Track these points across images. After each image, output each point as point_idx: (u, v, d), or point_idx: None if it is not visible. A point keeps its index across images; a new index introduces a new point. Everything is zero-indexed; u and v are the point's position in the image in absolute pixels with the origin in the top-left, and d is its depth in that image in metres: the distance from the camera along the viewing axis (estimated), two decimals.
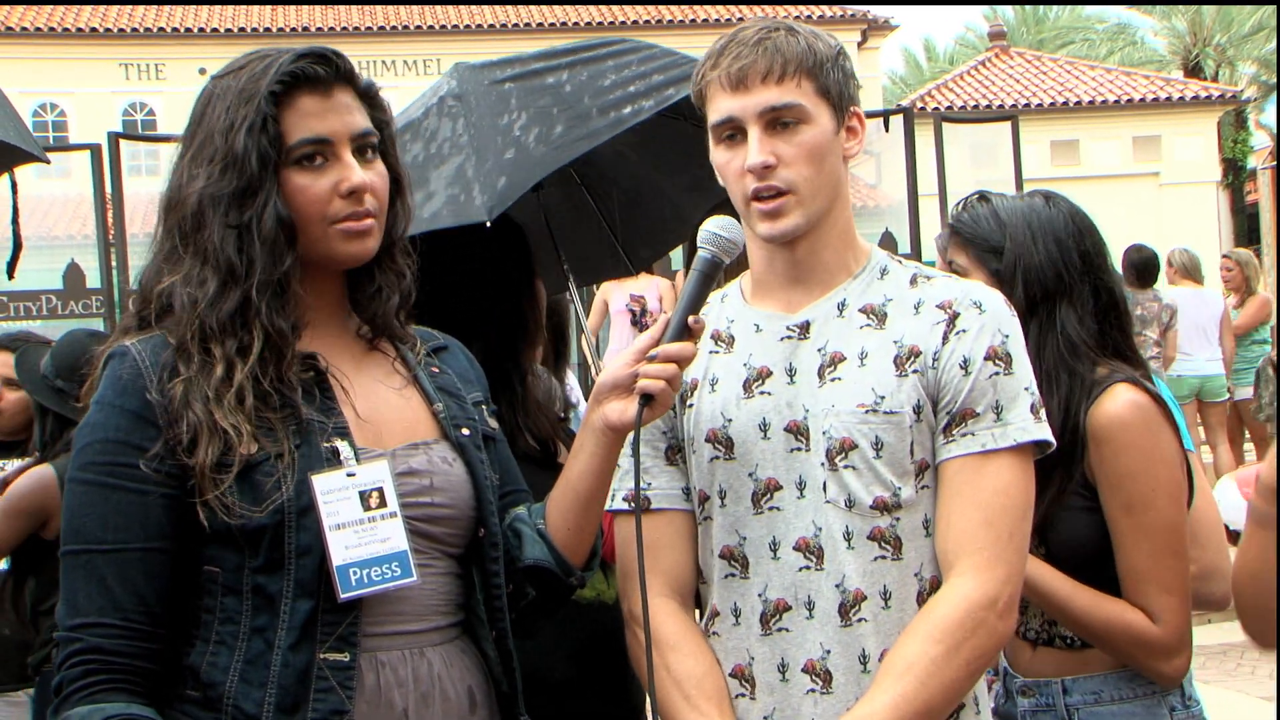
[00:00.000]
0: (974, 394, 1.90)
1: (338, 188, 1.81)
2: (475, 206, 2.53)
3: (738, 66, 1.90)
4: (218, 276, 1.77)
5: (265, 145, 1.77)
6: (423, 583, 1.81)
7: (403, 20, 29.90)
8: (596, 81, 2.66)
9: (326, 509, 1.72)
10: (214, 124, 1.79)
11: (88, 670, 1.70)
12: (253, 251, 1.77)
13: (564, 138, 2.59)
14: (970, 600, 1.84)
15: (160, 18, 29.62)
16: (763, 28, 1.94)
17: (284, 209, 1.78)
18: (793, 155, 1.90)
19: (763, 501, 1.94)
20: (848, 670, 1.89)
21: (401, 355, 1.94)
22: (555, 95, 2.67)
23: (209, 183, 1.77)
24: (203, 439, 1.71)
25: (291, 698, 1.71)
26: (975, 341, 1.91)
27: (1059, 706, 2.37)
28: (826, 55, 1.93)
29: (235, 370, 1.74)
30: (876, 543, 1.89)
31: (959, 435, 1.90)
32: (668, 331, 1.83)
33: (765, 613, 1.93)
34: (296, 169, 1.80)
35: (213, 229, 1.77)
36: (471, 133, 2.66)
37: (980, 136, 13.36)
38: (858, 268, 2.00)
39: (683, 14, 30.26)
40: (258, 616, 1.73)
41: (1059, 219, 2.44)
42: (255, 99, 1.77)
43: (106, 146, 8.28)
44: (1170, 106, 26.24)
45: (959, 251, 2.49)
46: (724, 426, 1.96)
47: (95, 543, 1.72)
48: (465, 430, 1.92)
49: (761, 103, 1.89)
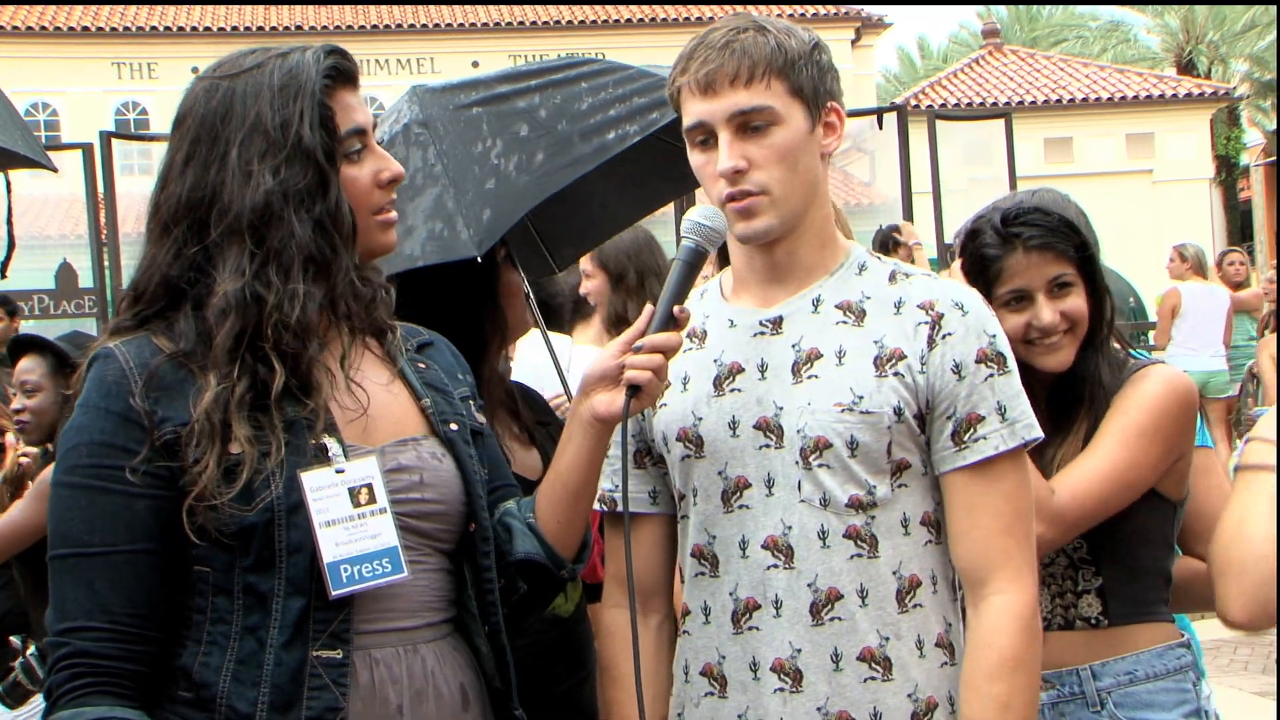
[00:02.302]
0: (974, 398, 1.90)
1: (377, 178, 1.83)
2: (462, 241, 2.48)
3: (704, 71, 1.88)
4: (304, 274, 1.75)
5: (326, 138, 1.78)
6: (414, 579, 1.80)
7: (395, 19, 29.87)
8: (573, 105, 2.61)
9: (316, 506, 1.71)
10: (257, 120, 1.76)
11: (74, 674, 1.69)
12: (335, 245, 1.77)
13: (546, 166, 2.54)
14: (1021, 617, 1.89)
15: (153, 17, 29.57)
16: (732, 29, 1.91)
17: (347, 201, 1.79)
18: (764, 158, 1.88)
19: (733, 500, 1.94)
20: (819, 669, 1.89)
21: (388, 351, 1.93)
22: (530, 121, 2.62)
23: (278, 179, 1.75)
24: (213, 450, 1.69)
25: (285, 696, 1.70)
26: (963, 345, 1.91)
27: (1089, 693, 2.32)
28: (798, 53, 1.90)
29: (314, 373, 1.73)
30: (852, 540, 1.89)
31: (970, 441, 1.90)
32: (653, 322, 1.83)
33: (736, 611, 1.93)
34: (345, 161, 1.81)
35: (290, 225, 1.74)
36: (445, 162, 2.60)
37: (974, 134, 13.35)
38: (835, 264, 1.99)
39: (677, 12, 30.26)
40: (249, 615, 1.72)
41: (1081, 213, 2.43)
42: (306, 93, 1.77)
43: (99, 146, 8.28)
44: (1163, 104, 26.29)
45: (1063, 264, 2.33)
46: (694, 425, 1.96)
47: (82, 546, 1.71)
48: (454, 425, 1.91)
49: (730, 107, 1.88)
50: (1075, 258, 2.34)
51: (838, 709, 1.88)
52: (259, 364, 1.72)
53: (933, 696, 1.91)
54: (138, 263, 1.83)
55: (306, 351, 1.74)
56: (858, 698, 1.89)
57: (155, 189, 1.82)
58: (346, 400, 1.82)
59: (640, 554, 2.00)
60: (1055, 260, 2.33)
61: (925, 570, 1.93)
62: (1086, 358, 2.36)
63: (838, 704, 1.88)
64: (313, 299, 1.75)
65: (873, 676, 1.89)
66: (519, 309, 2.65)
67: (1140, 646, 2.33)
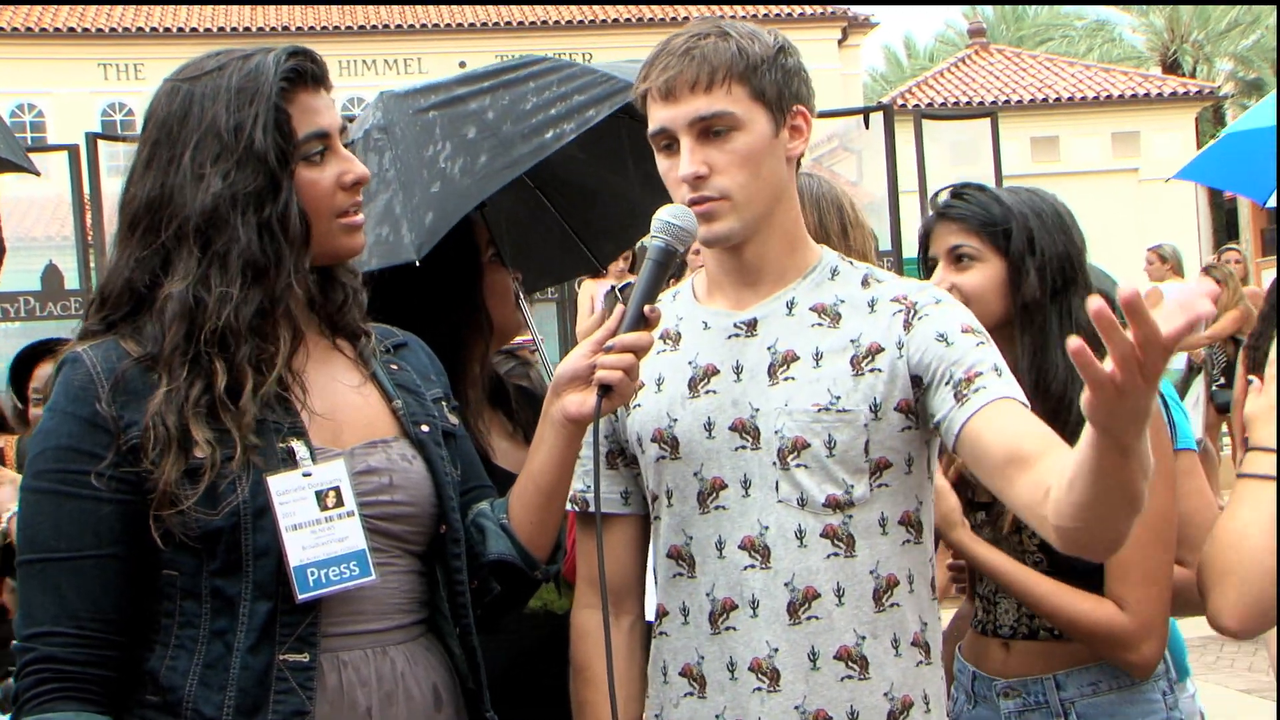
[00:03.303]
0: (968, 359, 1.84)
1: (340, 180, 1.82)
2: (404, 245, 2.47)
3: (664, 78, 1.88)
4: (242, 278, 1.74)
5: (280, 142, 1.76)
6: (384, 581, 1.79)
7: (383, 19, 29.84)
8: (518, 106, 2.61)
9: (283, 510, 1.71)
10: (212, 123, 1.76)
11: (40, 679, 1.68)
12: (280, 250, 1.76)
13: (488, 168, 2.54)
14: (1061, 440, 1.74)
15: (139, 17, 29.51)
16: (694, 34, 1.91)
17: (300, 205, 1.78)
18: (725, 163, 1.88)
19: (709, 501, 1.93)
20: (796, 668, 1.89)
21: (360, 353, 1.93)
22: (479, 123, 2.62)
23: (227, 182, 1.74)
24: (170, 454, 1.68)
25: (251, 700, 1.69)
26: (943, 319, 1.89)
27: (1053, 703, 2.32)
28: (760, 57, 1.89)
29: (244, 378, 1.72)
30: (829, 540, 1.89)
31: (971, 393, 1.82)
32: (624, 321, 1.82)
33: (713, 612, 1.93)
34: (304, 164, 1.80)
35: (235, 229, 1.74)
36: (398, 166, 2.61)
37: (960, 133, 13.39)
38: (808, 267, 1.99)
39: (663, 12, 30.27)
40: (217, 619, 1.72)
41: (1060, 211, 2.42)
42: (262, 96, 1.76)
43: (85, 147, 8.26)
44: (1149, 103, 26.35)
45: (968, 235, 2.38)
46: (669, 426, 1.96)
47: (49, 551, 1.70)
48: (425, 427, 1.91)
49: (690, 113, 1.87)
50: (984, 233, 2.36)
51: (815, 707, 1.88)
52: (214, 364, 1.72)
53: (908, 695, 1.91)
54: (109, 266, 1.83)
55: (237, 355, 1.73)
56: (835, 696, 1.89)
57: (121, 192, 1.82)
58: (316, 402, 1.81)
59: (612, 555, 2.00)
60: (959, 231, 2.39)
61: (903, 570, 1.93)
62: (1042, 366, 2.32)
63: (815, 702, 1.88)
64: (248, 303, 1.74)
65: (849, 675, 1.89)
66: (507, 310, 2.64)
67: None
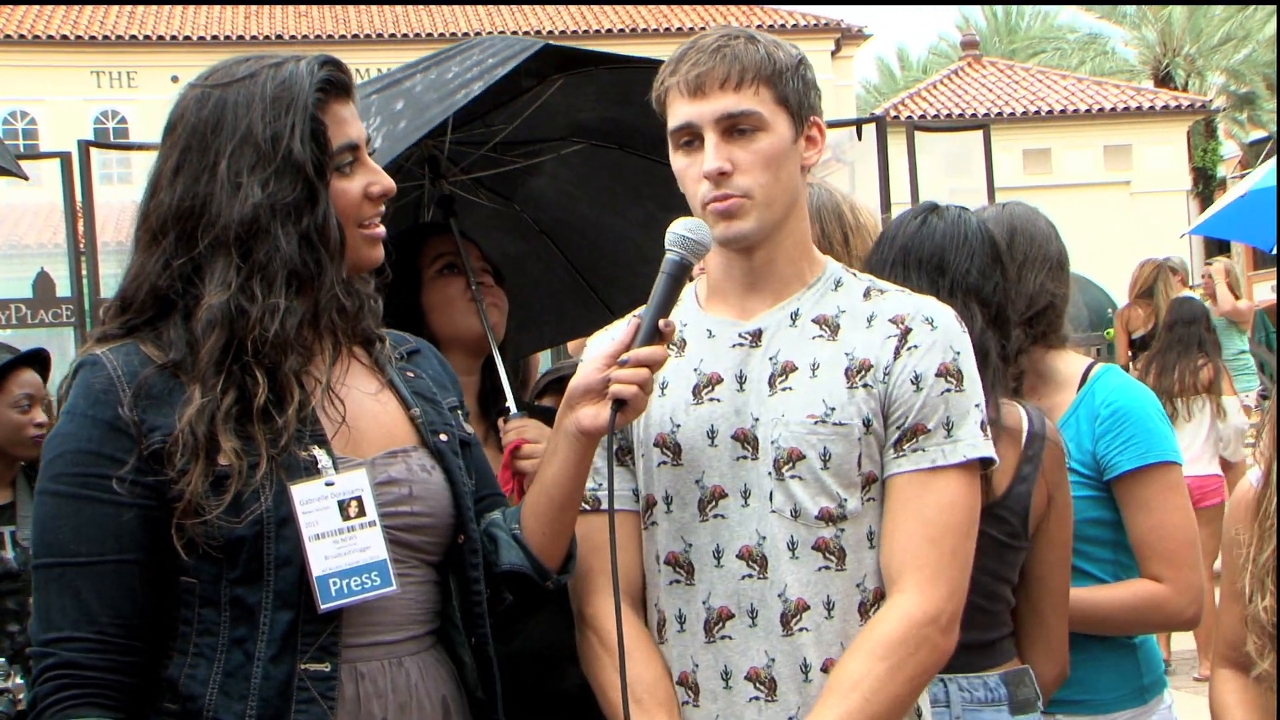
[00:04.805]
0: (925, 410, 1.91)
1: (368, 191, 1.83)
2: None
3: (695, 73, 1.91)
4: (286, 288, 1.74)
5: (317, 152, 1.77)
6: (402, 591, 1.79)
7: (376, 28, 29.87)
8: (443, 78, 2.69)
9: (306, 519, 1.71)
10: (248, 132, 1.75)
11: (60, 686, 1.68)
12: (321, 260, 1.76)
13: (404, 130, 2.60)
14: (913, 618, 1.86)
15: (132, 25, 29.50)
16: (723, 35, 1.95)
17: (336, 215, 1.78)
18: (749, 162, 1.91)
19: (708, 509, 1.95)
20: (790, 679, 1.90)
21: (375, 359, 1.93)
22: (407, 97, 2.70)
23: (266, 192, 1.74)
24: (198, 463, 1.68)
25: (273, 710, 1.69)
26: (926, 357, 1.92)
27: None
28: (786, 64, 1.94)
29: (288, 390, 1.72)
30: (821, 553, 1.91)
31: (909, 450, 1.91)
32: (638, 336, 1.84)
33: (709, 620, 1.94)
34: (335, 174, 1.80)
35: (276, 239, 1.74)
36: None
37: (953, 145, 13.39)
38: (812, 278, 2.01)
39: (656, 21, 30.36)
40: (236, 628, 1.71)
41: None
42: (298, 106, 1.76)
43: (77, 155, 8.22)
44: (1141, 116, 26.45)
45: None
46: (672, 432, 1.97)
47: (68, 555, 1.70)
48: (443, 436, 1.91)
49: (718, 109, 1.90)
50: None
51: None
52: (246, 376, 1.72)
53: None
54: (125, 271, 1.82)
55: (283, 366, 1.74)
56: None
57: (144, 197, 1.81)
58: (335, 412, 1.82)
59: (629, 549, 2.00)
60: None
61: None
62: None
63: (808, 714, 1.88)
64: (293, 314, 1.74)
65: None
66: (455, 319, 2.68)
67: (983, 670, 2.28)
